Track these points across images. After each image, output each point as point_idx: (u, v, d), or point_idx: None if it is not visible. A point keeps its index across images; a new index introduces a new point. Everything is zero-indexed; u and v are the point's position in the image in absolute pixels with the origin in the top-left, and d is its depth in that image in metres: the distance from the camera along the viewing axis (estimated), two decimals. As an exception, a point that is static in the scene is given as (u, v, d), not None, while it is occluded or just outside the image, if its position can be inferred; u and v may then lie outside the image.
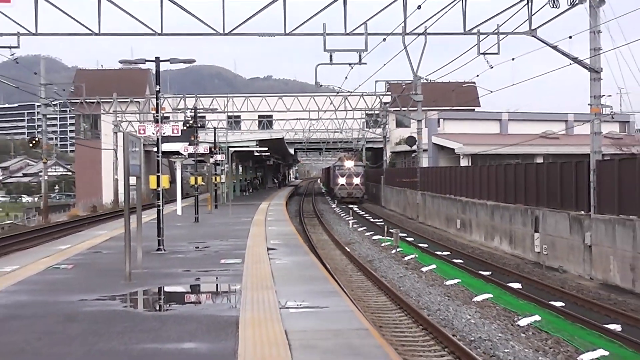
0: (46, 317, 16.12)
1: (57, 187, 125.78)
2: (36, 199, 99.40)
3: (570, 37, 34.54)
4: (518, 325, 21.22)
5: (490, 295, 25.50)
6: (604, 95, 34.28)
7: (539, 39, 35.05)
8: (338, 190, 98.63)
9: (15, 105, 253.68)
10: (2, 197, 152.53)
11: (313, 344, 13.24)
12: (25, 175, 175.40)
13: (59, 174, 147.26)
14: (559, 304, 24.53)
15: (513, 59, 40.02)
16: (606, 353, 17.69)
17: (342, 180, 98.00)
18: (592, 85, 33.85)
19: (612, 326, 21.14)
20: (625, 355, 17.92)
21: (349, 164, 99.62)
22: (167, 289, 20.28)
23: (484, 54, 36.82)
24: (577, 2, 34.11)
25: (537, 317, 21.89)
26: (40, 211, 76.34)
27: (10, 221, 71.72)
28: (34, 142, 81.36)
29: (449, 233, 53.34)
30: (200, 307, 17.92)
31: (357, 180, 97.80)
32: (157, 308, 17.95)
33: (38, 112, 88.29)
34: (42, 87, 74.62)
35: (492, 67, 37.92)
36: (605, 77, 33.72)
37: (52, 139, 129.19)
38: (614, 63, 49.23)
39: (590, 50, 33.87)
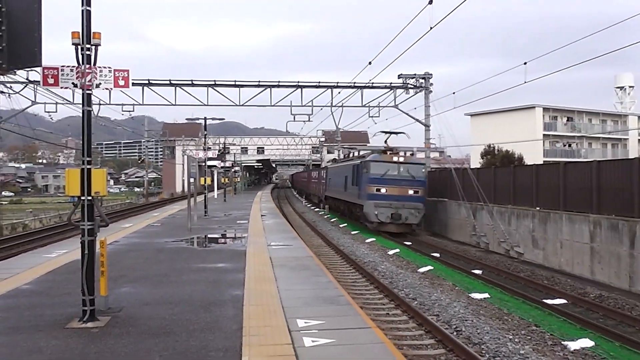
0: (147, 250, 15.99)
1: (153, 183, 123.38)
2: (142, 189, 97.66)
3: (415, 108, 34.86)
4: (388, 254, 21.36)
5: (375, 239, 25.63)
6: (431, 138, 34.72)
7: (399, 110, 35.31)
8: (374, 209, 26.74)
9: (131, 140, 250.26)
10: (124, 188, 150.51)
11: (284, 263, 13.27)
12: (136, 177, 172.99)
13: (154, 176, 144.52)
14: (408, 243, 24.73)
15: (387, 119, 41.10)
16: (432, 267, 17.89)
17: (383, 190, 27.01)
18: (425, 133, 34.36)
19: (434, 254, 21.38)
20: (440, 268, 18.11)
21: (399, 157, 27.78)
22: (209, 235, 20.12)
23: (371, 117, 37.05)
24: (419, 91, 34.52)
25: (397, 250, 22.06)
26: (144, 196, 75.46)
27: (129, 201, 70.85)
28: (140, 160, 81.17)
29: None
30: (226, 245, 17.82)
31: (412, 191, 27.06)
32: (204, 246, 17.81)
33: (143, 144, 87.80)
34: (145, 132, 74.42)
35: (375, 124, 37.93)
36: (432, 129, 34.21)
37: (150, 158, 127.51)
38: (437, 121, 50.26)
39: (425, 115, 34.28)
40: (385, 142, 31.41)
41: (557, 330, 10.98)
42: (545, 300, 13.47)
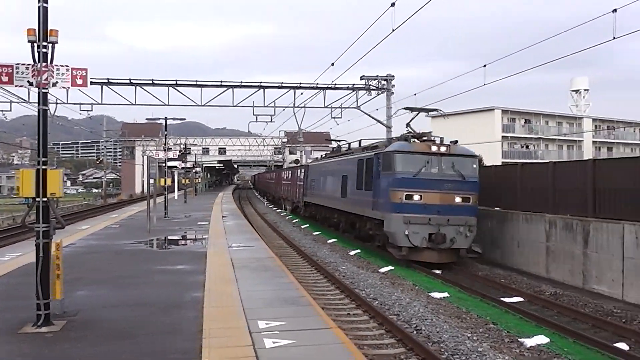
0: (105, 252, 15.74)
1: (111, 184, 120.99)
2: (100, 190, 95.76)
3: (377, 110, 35.06)
4: (350, 255, 21.37)
5: (336, 240, 25.66)
6: (393, 138, 34.99)
7: (361, 111, 35.49)
8: (403, 226, 17.46)
9: (90, 140, 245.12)
10: (81, 189, 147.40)
11: (245, 264, 13.23)
12: (94, 177, 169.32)
13: (113, 177, 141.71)
14: (367, 244, 24.78)
15: (349, 120, 40.98)
16: (392, 268, 18.02)
17: (417, 196, 17.59)
18: (387, 134, 34.51)
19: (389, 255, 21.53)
20: (400, 268, 18.18)
21: (439, 147, 18.18)
22: (169, 237, 19.91)
23: (334, 117, 37.09)
24: (380, 92, 34.78)
25: (358, 250, 22.12)
26: (102, 197, 74.10)
27: (86, 202, 69.42)
28: (99, 160, 79.98)
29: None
30: (186, 247, 17.66)
31: (460, 198, 17.90)
32: (164, 247, 17.60)
33: (102, 145, 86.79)
34: (104, 132, 73.23)
35: (338, 124, 37.88)
36: (394, 130, 34.45)
37: (109, 159, 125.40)
38: (398, 122, 50.82)
39: (386, 117, 34.55)
40: (408, 125, 20.67)
41: (513, 327, 11.23)
42: (502, 299, 13.75)
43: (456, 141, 18.80)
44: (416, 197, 17.70)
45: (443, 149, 18.26)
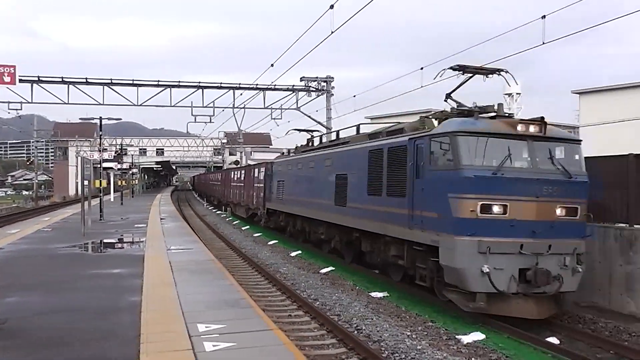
0: (37, 256, 15.18)
1: (43, 185, 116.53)
2: (31, 193, 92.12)
3: (317, 111, 35.31)
4: (291, 256, 21.35)
5: (277, 241, 25.58)
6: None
7: (301, 112, 35.65)
8: (479, 259, 10.37)
9: (19, 141, 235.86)
10: (11, 191, 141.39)
11: (184, 267, 13.04)
12: (24, 179, 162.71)
13: (44, 178, 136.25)
14: (307, 245, 24.83)
15: (289, 121, 41.28)
16: (333, 268, 18.08)
17: (498, 207, 10.38)
18: (328, 135, 34.80)
19: (334, 256, 21.68)
20: (341, 269, 18.25)
21: (528, 127, 10.61)
22: (105, 240, 19.36)
23: (274, 119, 37.13)
24: (320, 94, 35.01)
25: (299, 252, 22.12)
26: (33, 199, 71.36)
27: (15, 205, 66.66)
28: (29, 161, 77.50)
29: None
30: (123, 250, 17.24)
31: (563, 209, 10.72)
32: (99, 251, 17.09)
33: (32, 145, 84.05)
34: (35, 132, 70.67)
35: (278, 125, 37.92)
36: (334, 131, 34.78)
37: (40, 160, 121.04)
38: (337, 123, 51.12)
39: (326, 118, 34.79)
40: (449, 96, 13.45)
41: (451, 325, 11.51)
42: (440, 297, 14.03)
43: (543, 118, 11.68)
44: (498, 209, 10.83)
45: (533, 129, 11.43)
